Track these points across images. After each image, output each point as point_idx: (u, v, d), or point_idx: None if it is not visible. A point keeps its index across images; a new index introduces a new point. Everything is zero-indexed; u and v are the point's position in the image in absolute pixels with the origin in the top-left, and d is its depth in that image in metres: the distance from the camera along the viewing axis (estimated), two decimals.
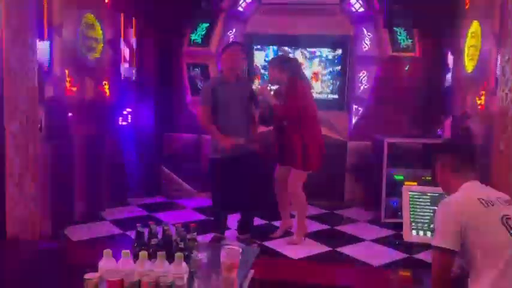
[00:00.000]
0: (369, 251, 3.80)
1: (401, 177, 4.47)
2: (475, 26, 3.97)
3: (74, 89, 4.18)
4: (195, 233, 2.20)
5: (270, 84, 4.03)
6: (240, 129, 3.72)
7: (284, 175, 3.90)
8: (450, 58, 4.67)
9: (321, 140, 3.91)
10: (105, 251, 1.85)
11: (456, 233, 1.91)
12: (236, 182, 3.72)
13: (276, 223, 4.29)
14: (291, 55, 5.21)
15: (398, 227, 4.21)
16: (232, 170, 3.70)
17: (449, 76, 4.70)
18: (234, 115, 3.68)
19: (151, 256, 1.92)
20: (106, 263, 1.83)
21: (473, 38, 4.01)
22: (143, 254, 1.84)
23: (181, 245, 2.06)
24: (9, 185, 3.19)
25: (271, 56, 5.27)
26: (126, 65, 5.16)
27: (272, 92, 3.95)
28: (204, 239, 3.67)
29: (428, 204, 2.78)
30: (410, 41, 5.09)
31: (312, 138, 3.79)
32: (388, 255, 3.72)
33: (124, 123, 5.16)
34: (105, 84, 4.77)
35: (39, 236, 3.42)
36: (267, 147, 4.08)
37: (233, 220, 4.02)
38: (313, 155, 3.78)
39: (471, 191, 2.02)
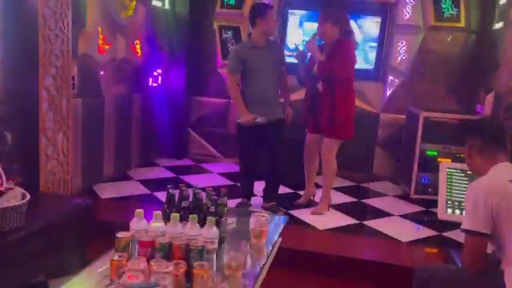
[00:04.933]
0: (397, 226, 3.72)
1: (435, 153, 4.32)
2: None
3: (106, 47, 4.15)
4: (226, 198, 2.17)
5: (318, 39, 3.77)
6: (269, 95, 3.65)
7: (314, 143, 3.85)
8: (498, 29, 4.38)
9: (354, 107, 3.77)
10: (137, 211, 1.85)
11: (486, 215, 1.88)
12: (261, 148, 3.70)
13: (301, 192, 4.25)
14: None
15: (428, 203, 4.15)
16: (258, 136, 3.66)
17: (494, 49, 4.43)
18: (263, 81, 3.60)
19: (182, 218, 1.91)
20: (137, 223, 1.82)
21: None
22: (175, 216, 1.83)
23: (212, 209, 2.04)
24: (42, 140, 3.22)
25: (305, 20, 5.10)
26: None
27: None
28: (229, 204, 3.67)
29: (467, 182, 2.67)
30: (455, 10, 4.80)
31: (346, 105, 3.64)
32: (417, 231, 3.64)
33: (154, 84, 5.14)
34: (136, 43, 4.72)
35: (69, 191, 3.49)
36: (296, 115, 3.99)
37: (260, 187, 4.00)
38: (346, 123, 3.64)
39: (502, 173, 1.97)
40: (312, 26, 4.98)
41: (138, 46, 4.75)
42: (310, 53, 3.74)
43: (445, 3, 4.83)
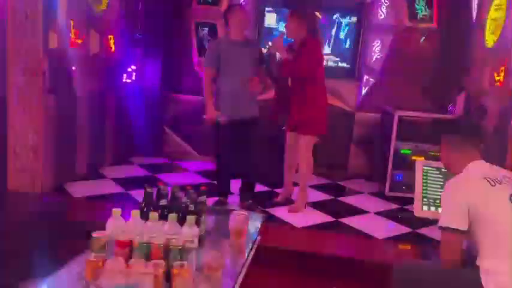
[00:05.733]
0: (373, 223, 3.77)
1: (409, 151, 4.41)
2: None
3: (79, 41, 4.03)
4: (205, 196, 2.14)
5: (285, 37, 3.80)
6: (243, 92, 3.64)
7: (292, 140, 3.85)
8: (469, 31, 4.50)
9: (326, 104, 3.81)
10: (113, 210, 1.79)
11: (463, 212, 1.91)
12: (236, 146, 3.69)
13: (278, 190, 4.25)
14: None
15: (403, 201, 4.22)
16: (233, 134, 3.66)
17: (466, 50, 4.54)
18: (238, 77, 3.60)
19: (160, 217, 1.87)
20: (114, 222, 1.77)
21: (497, 10, 3.85)
22: (154, 215, 1.78)
23: (191, 208, 2.00)
24: (11, 136, 3.10)
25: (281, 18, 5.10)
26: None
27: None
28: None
29: (442, 180, 2.72)
30: (428, 11, 4.90)
31: (316, 102, 3.68)
32: (392, 228, 3.69)
33: (128, 80, 5.03)
34: (110, 38, 4.60)
35: (40, 190, 3.37)
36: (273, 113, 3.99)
37: (237, 185, 3.97)
38: (317, 119, 3.69)
39: (477, 171, 2.01)
40: None
41: (111, 41, 4.63)
42: (276, 52, 3.74)
43: (419, 4, 4.92)
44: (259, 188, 4.20)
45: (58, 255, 2.59)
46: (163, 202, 2.00)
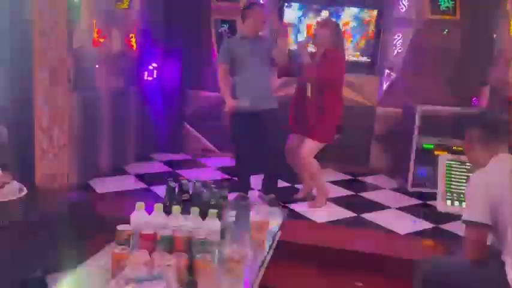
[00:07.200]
0: (395, 219, 3.73)
1: (431, 146, 4.34)
2: None
3: (102, 40, 4.10)
4: (226, 191, 2.16)
5: (311, 43, 3.87)
6: (258, 85, 3.68)
7: (295, 144, 3.79)
8: (494, 23, 4.39)
9: (340, 114, 3.77)
10: (137, 203, 1.83)
11: (487, 206, 1.88)
12: (256, 140, 3.71)
13: (300, 186, 4.25)
14: (323, 13, 5.02)
15: (425, 196, 4.16)
16: (250, 127, 3.67)
17: (491, 42, 4.43)
18: (251, 71, 3.65)
19: (182, 211, 1.90)
20: (138, 216, 1.81)
21: None
22: (177, 208, 1.81)
23: (213, 202, 2.02)
24: (38, 134, 3.19)
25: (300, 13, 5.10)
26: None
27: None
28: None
29: (466, 174, 2.68)
30: (451, 3, 4.80)
31: (333, 110, 3.67)
32: (414, 224, 3.65)
33: (149, 78, 5.10)
34: (132, 37, 4.67)
35: (66, 186, 3.46)
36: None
37: (257, 181, 3.98)
38: (331, 127, 3.68)
39: (502, 164, 1.98)
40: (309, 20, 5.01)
41: (133, 39, 4.70)
42: (299, 53, 3.75)
43: None
44: (281, 183, 4.20)
45: (84, 249, 2.67)
46: (185, 197, 2.04)
